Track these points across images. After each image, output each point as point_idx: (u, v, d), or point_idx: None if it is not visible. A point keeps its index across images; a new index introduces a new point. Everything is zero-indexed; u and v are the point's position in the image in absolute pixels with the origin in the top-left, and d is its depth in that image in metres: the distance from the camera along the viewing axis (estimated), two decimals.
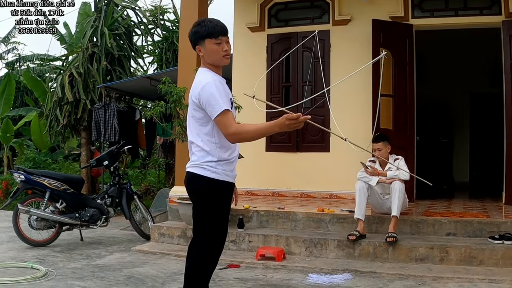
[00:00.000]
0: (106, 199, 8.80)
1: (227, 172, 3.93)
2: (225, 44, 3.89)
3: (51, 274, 6.28)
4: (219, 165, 3.89)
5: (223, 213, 4.01)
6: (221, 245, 4.06)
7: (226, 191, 3.96)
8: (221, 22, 3.92)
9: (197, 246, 3.96)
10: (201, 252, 3.96)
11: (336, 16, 10.27)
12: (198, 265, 3.96)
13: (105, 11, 14.95)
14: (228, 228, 4.15)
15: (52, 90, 15.30)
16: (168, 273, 6.44)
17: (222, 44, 3.88)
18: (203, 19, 3.98)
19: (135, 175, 17.81)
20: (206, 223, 3.95)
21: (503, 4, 9.23)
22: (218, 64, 3.96)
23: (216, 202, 3.94)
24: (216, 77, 3.89)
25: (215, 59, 3.92)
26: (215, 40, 3.85)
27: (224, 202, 3.99)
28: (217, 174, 3.90)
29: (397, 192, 6.94)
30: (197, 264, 3.95)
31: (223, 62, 3.96)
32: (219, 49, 3.88)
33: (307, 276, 6.27)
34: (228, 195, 4.00)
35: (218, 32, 3.86)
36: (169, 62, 16.07)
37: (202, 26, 3.88)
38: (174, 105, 7.95)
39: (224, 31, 3.89)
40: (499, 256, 6.39)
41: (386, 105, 9.48)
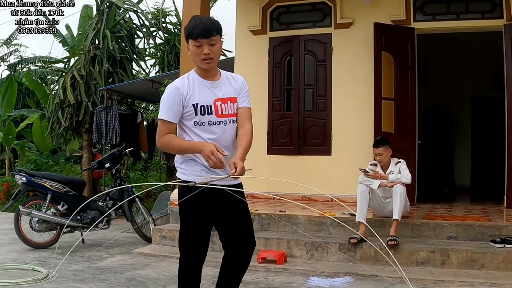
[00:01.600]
0: (108, 201, 8.81)
1: (197, 172, 3.80)
2: (205, 47, 3.70)
3: (52, 276, 6.28)
4: (189, 165, 3.83)
5: (196, 221, 3.83)
6: (195, 262, 3.93)
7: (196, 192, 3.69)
8: (208, 23, 3.70)
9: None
10: (179, 267, 3.97)
11: (338, 19, 10.27)
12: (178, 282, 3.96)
13: (107, 13, 14.98)
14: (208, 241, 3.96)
15: (54, 92, 15.35)
16: (169, 276, 6.44)
17: (203, 47, 3.70)
18: (194, 17, 3.82)
19: (136, 178, 17.81)
20: (180, 231, 3.92)
21: (505, 8, 9.23)
22: (199, 67, 3.84)
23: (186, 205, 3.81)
24: (181, 82, 3.80)
25: (196, 61, 3.81)
26: (194, 41, 3.71)
27: (195, 205, 3.76)
28: (184, 175, 3.84)
29: (399, 196, 6.94)
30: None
31: (203, 66, 3.79)
32: (199, 51, 3.72)
33: (308, 279, 6.27)
34: (199, 196, 3.67)
35: (196, 34, 3.68)
36: (171, 64, 16.07)
37: (188, 24, 3.76)
38: None
39: (204, 34, 3.67)
40: (500, 260, 6.39)
41: (388, 108, 9.49)
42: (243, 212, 3.92)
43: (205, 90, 3.81)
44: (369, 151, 8.12)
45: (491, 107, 12.64)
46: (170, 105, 3.76)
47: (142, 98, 15.88)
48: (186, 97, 3.75)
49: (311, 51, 10.45)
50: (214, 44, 3.72)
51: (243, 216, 3.94)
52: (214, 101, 3.80)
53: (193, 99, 3.76)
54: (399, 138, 9.29)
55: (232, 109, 3.86)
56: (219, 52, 3.81)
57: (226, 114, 3.83)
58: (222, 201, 3.79)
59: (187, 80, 3.82)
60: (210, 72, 3.86)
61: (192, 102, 3.76)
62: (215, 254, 7.53)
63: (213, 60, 3.77)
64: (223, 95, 3.85)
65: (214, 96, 3.81)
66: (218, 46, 3.78)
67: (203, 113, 3.77)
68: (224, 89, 3.87)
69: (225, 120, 3.83)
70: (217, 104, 3.81)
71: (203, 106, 3.77)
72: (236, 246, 3.94)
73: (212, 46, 3.72)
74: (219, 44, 3.79)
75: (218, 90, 3.84)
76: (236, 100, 3.89)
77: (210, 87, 3.83)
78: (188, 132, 3.83)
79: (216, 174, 3.74)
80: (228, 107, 3.85)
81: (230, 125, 3.88)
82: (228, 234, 3.95)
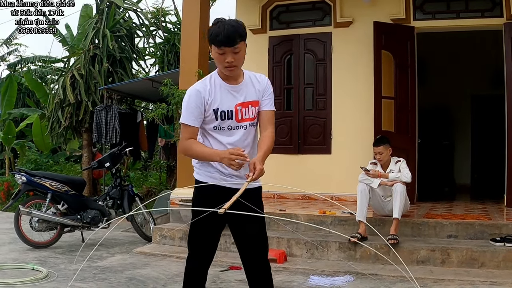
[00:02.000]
0: (108, 200, 8.81)
1: (210, 173, 3.79)
2: (229, 55, 3.57)
3: (53, 275, 6.29)
4: (202, 166, 3.83)
5: (206, 222, 3.67)
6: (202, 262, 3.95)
7: (207, 193, 3.75)
8: (231, 30, 3.54)
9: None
10: (185, 266, 4.00)
11: (337, 18, 10.28)
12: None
13: (106, 13, 14.97)
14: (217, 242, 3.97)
15: (54, 92, 15.33)
16: (169, 275, 6.44)
17: (226, 54, 3.56)
18: (219, 20, 3.66)
19: (136, 177, 17.81)
20: (190, 230, 3.90)
21: (505, 7, 9.23)
22: (222, 72, 3.72)
23: (197, 205, 3.78)
24: (203, 85, 3.73)
25: (219, 67, 3.70)
26: (217, 48, 3.56)
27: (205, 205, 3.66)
28: (199, 175, 3.85)
29: (399, 194, 6.94)
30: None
31: (226, 72, 3.67)
32: (222, 59, 3.59)
33: (308, 278, 6.27)
34: (211, 199, 3.65)
35: (219, 42, 3.53)
36: (171, 64, 16.07)
37: (211, 29, 3.61)
38: (176, 107, 7.96)
39: (227, 42, 3.53)
40: (500, 259, 6.40)
41: (388, 107, 9.50)
42: (256, 216, 3.82)
43: (227, 95, 3.72)
44: (369, 150, 8.12)
45: (491, 105, 12.63)
46: (191, 109, 3.68)
47: (142, 97, 15.87)
48: (208, 101, 3.68)
49: (311, 50, 10.45)
50: (238, 52, 3.60)
51: (256, 221, 3.83)
52: (235, 105, 3.73)
53: (214, 104, 3.69)
54: (399, 137, 9.30)
55: (252, 113, 3.79)
56: (243, 58, 3.68)
57: (246, 118, 3.76)
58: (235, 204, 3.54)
59: (209, 83, 3.73)
60: (234, 76, 3.77)
61: (213, 107, 3.69)
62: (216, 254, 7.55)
63: (237, 67, 3.67)
64: (244, 99, 3.76)
65: (236, 101, 3.73)
66: (242, 53, 3.64)
67: (224, 118, 3.71)
68: (246, 93, 3.78)
69: (245, 124, 3.76)
70: (238, 109, 3.74)
71: (223, 112, 3.70)
72: (248, 250, 3.89)
73: (236, 54, 3.60)
74: (243, 51, 3.65)
75: (239, 94, 3.76)
76: (257, 103, 3.81)
77: (232, 91, 3.74)
78: (207, 135, 3.79)
79: (230, 175, 3.72)
80: (249, 111, 3.78)
81: (250, 129, 3.80)
82: (240, 237, 3.89)
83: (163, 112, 8.02)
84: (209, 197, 3.72)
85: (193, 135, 3.73)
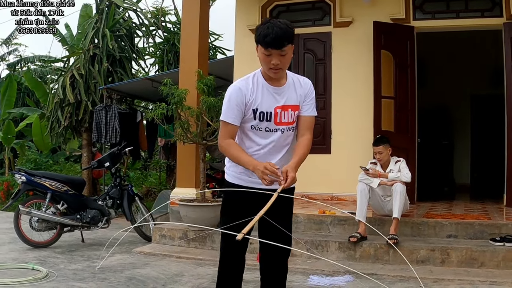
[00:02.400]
0: (107, 200, 8.81)
1: (236, 174, 3.81)
2: (275, 58, 3.55)
3: (52, 275, 6.28)
4: (231, 166, 3.84)
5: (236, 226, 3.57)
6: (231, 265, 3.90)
7: (235, 194, 3.78)
8: (280, 32, 3.50)
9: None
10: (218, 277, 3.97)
11: (337, 18, 10.27)
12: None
13: (106, 12, 14.97)
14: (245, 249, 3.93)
15: (54, 92, 15.33)
16: (169, 275, 6.44)
17: (272, 56, 3.55)
18: (268, 20, 3.62)
19: (136, 177, 17.82)
20: (222, 236, 3.86)
21: (505, 6, 9.23)
22: (266, 73, 3.70)
23: (226, 207, 3.86)
24: (245, 84, 3.71)
25: (264, 68, 3.68)
26: (264, 49, 3.54)
27: (234, 209, 3.79)
28: (228, 176, 3.86)
29: (398, 194, 6.94)
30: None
31: (270, 74, 3.65)
32: (267, 60, 3.57)
33: (308, 278, 6.27)
34: (239, 201, 3.76)
35: (267, 43, 3.50)
36: (170, 63, 16.09)
37: (259, 29, 3.59)
38: (176, 106, 7.96)
39: (275, 45, 3.50)
40: (500, 258, 6.39)
41: (388, 107, 9.50)
42: (285, 218, 3.84)
43: (268, 96, 3.71)
44: (368, 150, 8.12)
45: (490, 105, 12.64)
46: (231, 107, 3.66)
47: (142, 97, 15.87)
48: (249, 100, 3.66)
49: (311, 49, 10.44)
50: (284, 55, 3.58)
51: (284, 222, 3.82)
52: (275, 108, 3.71)
53: (255, 104, 3.67)
54: (399, 137, 9.30)
55: (291, 117, 3.76)
56: (289, 61, 3.66)
57: (284, 122, 3.74)
58: (271, 206, 3.52)
59: (251, 82, 3.72)
60: (277, 77, 3.75)
61: (253, 107, 3.68)
62: (214, 253, 7.56)
63: (281, 70, 3.65)
64: (285, 103, 3.73)
65: (276, 103, 3.71)
66: (289, 55, 3.63)
67: (262, 119, 3.69)
68: (287, 96, 3.75)
69: (283, 128, 3.74)
70: (277, 112, 3.71)
71: (262, 113, 3.69)
72: (271, 250, 3.79)
73: (282, 57, 3.58)
74: (290, 53, 3.63)
75: (281, 97, 3.73)
76: (297, 108, 3.77)
77: (273, 93, 3.72)
78: (243, 134, 3.78)
79: (256, 176, 3.62)
80: (288, 115, 3.75)
81: (287, 133, 3.77)
82: (266, 236, 3.80)
83: (162, 112, 8.01)
84: (237, 200, 3.76)
85: (232, 134, 3.71)
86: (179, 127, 8.12)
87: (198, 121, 8.13)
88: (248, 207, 3.64)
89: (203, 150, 8.45)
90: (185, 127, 8.07)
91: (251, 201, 3.65)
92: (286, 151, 3.79)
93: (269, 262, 3.90)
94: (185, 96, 7.92)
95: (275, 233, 3.73)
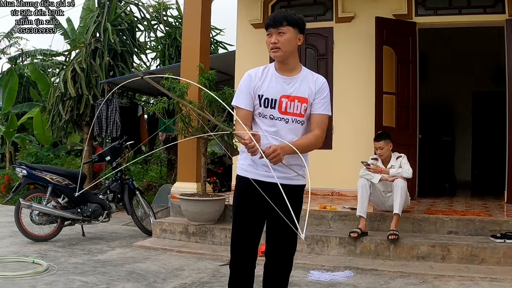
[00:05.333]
0: (108, 194, 8.81)
1: (245, 166, 3.79)
2: (273, 36, 3.68)
3: (53, 269, 6.30)
4: (241, 159, 3.85)
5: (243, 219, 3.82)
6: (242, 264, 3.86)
7: (244, 187, 3.79)
8: (279, 14, 3.70)
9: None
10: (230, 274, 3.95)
11: (339, 13, 10.26)
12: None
13: (108, 6, 14.94)
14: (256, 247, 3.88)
15: (55, 85, 15.31)
16: (169, 269, 6.45)
17: (271, 36, 3.69)
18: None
19: (137, 171, 17.82)
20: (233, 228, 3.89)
21: (507, 3, 9.21)
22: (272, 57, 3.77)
23: (236, 201, 3.86)
24: (254, 71, 3.80)
25: (269, 52, 3.75)
26: (267, 32, 3.72)
27: (243, 202, 3.82)
28: (238, 168, 3.86)
29: (399, 190, 6.94)
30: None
31: (272, 55, 3.74)
32: (268, 42, 3.72)
33: (308, 273, 6.27)
34: (248, 194, 3.76)
35: (267, 24, 3.70)
36: (172, 58, 16.05)
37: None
38: (177, 101, 7.95)
39: (272, 24, 3.68)
40: (500, 255, 6.40)
41: (389, 103, 9.49)
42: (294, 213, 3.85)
43: (275, 84, 3.74)
44: (370, 146, 8.11)
45: (492, 101, 12.64)
46: (242, 93, 3.76)
47: (143, 91, 15.86)
48: (255, 86, 3.73)
49: (313, 45, 10.43)
50: (282, 34, 3.67)
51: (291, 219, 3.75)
52: (281, 96, 3.72)
53: (260, 90, 3.73)
54: (400, 133, 9.29)
55: (298, 109, 3.74)
56: (288, 43, 3.70)
57: (290, 112, 3.73)
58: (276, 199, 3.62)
59: (262, 70, 3.80)
60: (286, 66, 3.79)
61: (258, 93, 3.73)
62: (215, 248, 7.58)
63: (280, 50, 3.69)
64: (292, 93, 3.74)
65: (282, 92, 3.72)
66: (288, 36, 3.69)
67: (266, 105, 3.71)
68: (297, 87, 3.76)
69: (288, 118, 3.72)
70: (283, 100, 3.72)
71: (267, 99, 3.71)
72: (277, 245, 3.87)
73: (280, 36, 3.67)
74: (289, 35, 3.69)
75: (289, 86, 3.75)
76: (305, 101, 3.76)
77: (282, 82, 3.75)
78: (253, 122, 3.80)
79: (262, 168, 3.71)
80: (295, 106, 3.73)
81: (294, 125, 3.74)
82: (273, 231, 3.85)
83: (164, 106, 8.01)
84: (244, 191, 3.80)
85: (244, 118, 3.71)
86: (180, 121, 8.11)
87: (199, 116, 8.12)
88: (254, 198, 3.69)
89: (204, 145, 8.45)
90: (186, 121, 8.06)
91: (257, 192, 3.65)
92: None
93: (274, 257, 3.89)
94: (186, 91, 7.91)
95: (282, 228, 3.71)
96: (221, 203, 8.19)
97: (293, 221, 3.62)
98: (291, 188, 3.73)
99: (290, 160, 3.65)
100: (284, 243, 3.84)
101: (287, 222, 3.58)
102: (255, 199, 3.69)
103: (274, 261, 3.89)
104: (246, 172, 3.77)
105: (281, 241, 3.84)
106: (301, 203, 3.96)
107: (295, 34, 3.71)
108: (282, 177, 3.65)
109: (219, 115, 8.11)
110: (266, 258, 3.91)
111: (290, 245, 3.88)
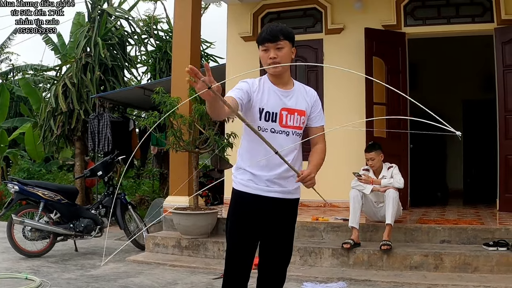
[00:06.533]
0: (100, 209, 8.80)
1: (244, 181, 3.72)
2: (271, 51, 3.66)
3: (46, 285, 6.27)
4: (239, 174, 3.77)
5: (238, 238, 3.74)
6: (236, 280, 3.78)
7: (242, 202, 3.74)
8: (275, 28, 3.69)
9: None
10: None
11: (329, 25, 10.32)
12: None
13: (98, 21, 14.95)
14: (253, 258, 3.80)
15: (46, 100, 15.29)
16: (162, 283, 6.43)
17: (269, 51, 3.67)
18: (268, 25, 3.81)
19: (129, 185, 17.79)
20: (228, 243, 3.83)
21: (495, 12, 9.29)
22: (269, 72, 3.77)
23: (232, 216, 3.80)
24: (251, 80, 3.73)
25: (265, 67, 3.74)
26: (262, 46, 3.70)
27: (240, 220, 3.75)
28: (235, 183, 3.79)
29: (391, 200, 6.96)
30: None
31: (270, 70, 3.73)
32: (266, 56, 3.69)
33: (301, 285, 6.27)
34: (245, 211, 3.72)
35: (262, 39, 3.68)
36: (163, 72, 16.09)
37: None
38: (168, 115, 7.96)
39: (270, 38, 3.65)
40: (493, 263, 6.41)
41: (380, 113, 9.50)
42: (288, 229, 3.83)
43: (274, 97, 3.71)
44: (361, 156, 8.13)
45: (482, 110, 12.69)
46: (240, 89, 3.61)
47: (134, 105, 15.86)
48: (254, 93, 3.66)
49: (303, 57, 10.45)
50: (280, 48, 3.67)
51: (287, 231, 3.86)
52: (281, 109, 3.69)
53: (261, 103, 3.67)
54: (391, 143, 9.32)
55: (298, 122, 3.74)
56: (286, 57, 3.71)
57: (290, 125, 3.71)
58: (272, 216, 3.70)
59: (258, 82, 3.75)
60: (281, 80, 3.77)
61: (259, 106, 3.66)
62: (208, 261, 7.56)
63: (280, 65, 3.68)
64: (292, 106, 3.73)
65: (282, 105, 3.70)
66: (286, 51, 3.70)
67: (267, 119, 3.67)
68: (295, 100, 3.76)
69: (288, 131, 3.71)
70: (283, 114, 3.70)
71: (268, 113, 3.67)
72: (271, 257, 3.84)
73: (279, 50, 3.67)
74: (287, 50, 3.72)
75: (288, 99, 3.74)
76: (304, 113, 3.76)
77: (280, 95, 3.72)
78: (250, 136, 3.65)
79: (264, 183, 3.69)
80: (295, 118, 3.73)
81: (293, 137, 3.73)
82: (268, 244, 3.81)
83: (155, 120, 8.01)
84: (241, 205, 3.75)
85: (232, 101, 3.47)
86: (172, 135, 8.11)
87: (191, 129, 8.13)
88: (251, 217, 3.70)
89: (196, 158, 8.45)
90: (178, 135, 8.06)
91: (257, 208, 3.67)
92: (293, 157, 3.74)
93: (267, 269, 3.87)
94: (177, 104, 7.92)
95: (276, 241, 3.76)
96: (213, 217, 8.18)
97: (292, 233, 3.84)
98: (289, 202, 3.78)
99: (289, 173, 3.67)
100: (278, 257, 3.84)
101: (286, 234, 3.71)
102: (252, 217, 3.70)
103: (267, 274, 3.87)
104: (245, 187, 3.72)
105: (275, 255, 3.83)
106: (296, 215, 3.96)
107: (290, 48, 3.74)
108: (281, 191, 3.70)
109: (210, 128, 8.11)
110: (259, 271, 3.88)
111: (284, 258, 3.89)
